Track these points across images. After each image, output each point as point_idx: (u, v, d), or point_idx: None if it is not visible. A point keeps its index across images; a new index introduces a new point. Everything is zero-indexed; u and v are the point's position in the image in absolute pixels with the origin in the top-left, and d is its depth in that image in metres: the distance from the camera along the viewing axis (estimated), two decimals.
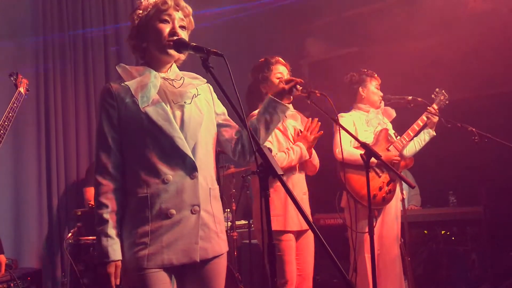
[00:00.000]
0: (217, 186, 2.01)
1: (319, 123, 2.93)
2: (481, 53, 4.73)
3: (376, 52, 5.26)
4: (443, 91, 3.79)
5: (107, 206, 1.82)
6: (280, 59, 3.07)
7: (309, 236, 2.95)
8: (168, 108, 1.88)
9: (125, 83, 1.90)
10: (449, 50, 4.97)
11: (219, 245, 1.94)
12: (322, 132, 2.92)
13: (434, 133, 3.66)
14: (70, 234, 3.73)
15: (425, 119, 3.63)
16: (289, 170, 2.91)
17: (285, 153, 2.85)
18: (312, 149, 2.98)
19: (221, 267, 1.96)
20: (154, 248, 1.81)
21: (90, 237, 3.64)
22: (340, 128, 2.71)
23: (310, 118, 2.95)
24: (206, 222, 1.89)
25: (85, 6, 4.83)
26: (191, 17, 2.01)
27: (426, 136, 3.67)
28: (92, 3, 4.89)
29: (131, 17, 1.98)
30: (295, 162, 2.88)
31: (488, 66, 4.69)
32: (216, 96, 2.10)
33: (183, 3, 1.98)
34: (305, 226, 2.86)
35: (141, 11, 1.96)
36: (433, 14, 4.95)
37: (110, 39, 5.00)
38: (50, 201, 4.33)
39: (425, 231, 4.86)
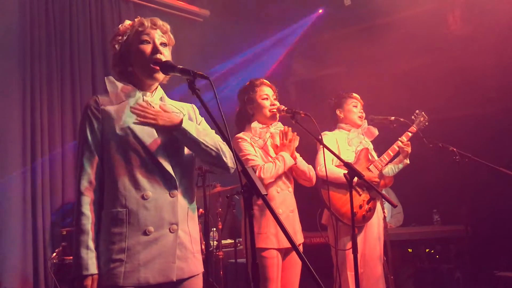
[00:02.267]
0: (195, 206, 2.02)
1: (290, 127, 3.01)
2: (463, 75, 4.85)
3: (361, 73, 5.37)
4: (423, 112, 3.88)
5: (88, 217, 1.82)
6: (265, 80, 3.12)
7: (296, 255, 2.94)
8: (152, 128, 1.91)
9: (106, 107, 1.91)
10: (431, 72, 5.10)
11: (195, 265, 1.94)
12: (296, 133, 2.99)
13: (408, 162, 3.73)
14: (54, 254, 3.70)
15: (397, 148, 3.69)
16: (275, 188, 2.94)
17: (272, 162, 2.90)
18: (298, 154, 3.04)
19: (196, 287, 1.95)
20: (131, 265, 1.79)
21: None
22: (324, 147, 2.77)
23: (281, 128, 3.02)
24: (183, 241, 1.89)
25: (73, 25, 4.87)
26: (170, 33, 2.05)
27: (400, 165, 3.75)
28: (80, 23, 4.94)
29: (112, 44, 2.01)
30: (282, 169, 2.91)
31: (469, 88, 4.81)
32: (200, 117, 2.13)
33: (159, 22, 2.02)
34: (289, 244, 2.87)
35: (120, 37, 2.00)
36: (416, 37, 5.09)
37: (97, 53, 5.04)
38: (35, 220, 4.29)
39: (409, 250, 4.90)
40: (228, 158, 1.98)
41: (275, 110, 3.02)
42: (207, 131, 2.00)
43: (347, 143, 3.65)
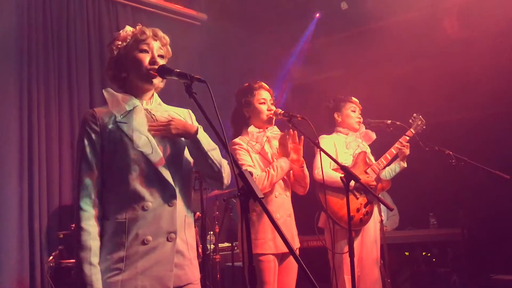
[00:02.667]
0: (191, 214, 2.02)
1: (295, 131, 2.95)
2: (459, 78, 4.88)
3: (358, 76, 5.39)
4: (421, 116, 3.88)
5: (89, 233, 1.81)
6: (264, 84, 3.10)
7: (293, 259, 2.95)
8: (151, 137, 1.91)
9: (105, 120, 1.91)
10: (428, 75, 5.12)
11: (193, 273, 1.95)
12: (302, 136, 2.94)
13: (405, 165, 3.72)
14: (51, 257, 3.69)
15: (398, 146, 3.68)
16: (273, 192, 2.92)
17: (265, 171, 2.86)
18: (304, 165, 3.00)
19: None
20: (129, 274, 1.80)
21: (72, 260, 3.60)
22: (321, 151, 2.78)
23: (278, 133, 3.01)
24: (181, 249, 1.90)
25: (70, 27, 4.87)
26: (168, 46, 2.06)
27: (397, 167, 3.73)
28: (77, 25, 4.94)
29: (110, 48, 2.01)
30: (277, 177, 2.86)
31: (465, 91, 4.84)
32: (196, 124, 2.11)
33: (160, 33, 2.03)
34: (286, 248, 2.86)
35: (119, 42, 2.00)
36: (413, 41, 5.11)
37: (94, 55, 5.04)
38: (32, 223, 4.27)
39: (406, 253, 4.91)
40: (226, 175, 2.00)
41: (271, 115, 3.02)
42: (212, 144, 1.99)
43: (345, 146, 3.66)
